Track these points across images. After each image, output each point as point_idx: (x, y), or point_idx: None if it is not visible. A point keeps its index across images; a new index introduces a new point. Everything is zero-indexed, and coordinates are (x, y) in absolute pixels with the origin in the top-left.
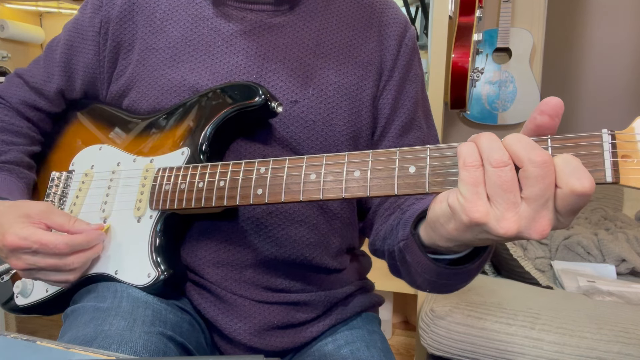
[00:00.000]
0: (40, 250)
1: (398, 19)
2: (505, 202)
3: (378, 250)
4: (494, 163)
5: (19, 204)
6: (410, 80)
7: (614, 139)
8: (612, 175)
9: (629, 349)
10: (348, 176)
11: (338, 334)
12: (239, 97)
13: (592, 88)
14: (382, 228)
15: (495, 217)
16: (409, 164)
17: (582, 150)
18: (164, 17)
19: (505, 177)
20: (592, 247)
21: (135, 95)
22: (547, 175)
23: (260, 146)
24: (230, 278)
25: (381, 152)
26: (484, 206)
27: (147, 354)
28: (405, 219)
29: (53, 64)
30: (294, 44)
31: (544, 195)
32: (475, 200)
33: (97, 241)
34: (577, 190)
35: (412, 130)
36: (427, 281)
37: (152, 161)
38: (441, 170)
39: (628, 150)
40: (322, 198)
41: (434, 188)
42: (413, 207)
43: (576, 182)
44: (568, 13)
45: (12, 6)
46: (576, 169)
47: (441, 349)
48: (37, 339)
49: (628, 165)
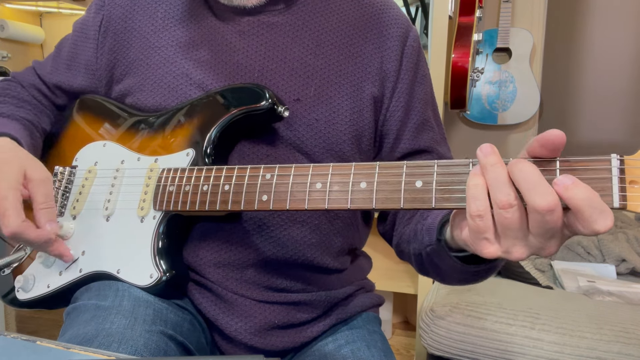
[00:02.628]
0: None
1: (399, 20)
2: (513, 238)
3: (404, 252)
4: (499, 204)
5: (26, 159)
6: (419, 82)
7: (622, 164)
8: (620, 201)
9: (629, 349)
10: (354, 187)
11: (338, 334)
12: (246, 100)
13: (592, 88)
14: (405, 231)
15: (506, 250)
16: (415, 178)
17: (590, 174)
18: (166, 16)
19: (511, 218)
20: (592, 247)
21: (140, 94)
22: (552, 220)
23: (264, 146)
24: (231, 278)
25: (388, 165)
26: (492, 247)
27: (148, 352)
28: (428, 225)
29: (60, 61)
30: (294, 43)
31: (549, 232)
32: (483, 244)
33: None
34: (600, 230)
35: (425, 131)
36: (456, 278)
37: (156, 161)
38: (448, 187)
39: (636, 176)
40: (327, 208)
41: (440, 204)
42: (433, 211)
43: (600, 225)
44: (568, 13)
45: (12, 6)
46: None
47: (441, 349)
48: (37, 339)
49: (636, 191)
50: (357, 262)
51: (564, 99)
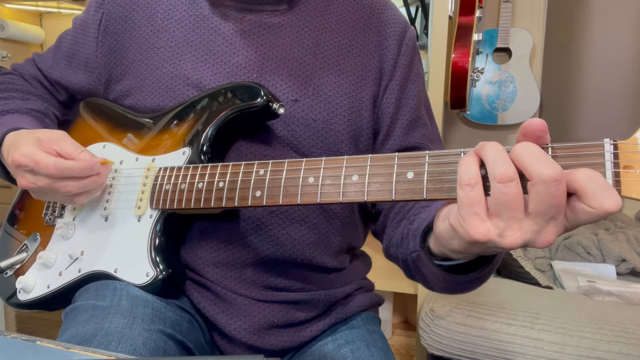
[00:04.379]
0: (35, 170)
1: (397, 20)
2: (509, 219)
3: (392, 256)
4: (498, 177)
5: (37, 130)
6: (412, 80)
7: (616, 149)
8: (614, 186)
9: (629, 349)
10: (346, 180)
11: (338, 334)
12: (241, 98)
13: (592, 88)
14: (394, 234)
15: (498, 233)
16: (407, 170)
17: (584, 159)
18: (165, 17)
19: (510, 193)
20: (592, 247)
21: (138, 94)
22: (557, 193)
23: (261, 146)
24: (230, 277)
25: (380, 157)
26: (484, 226)
27: (147, 351)
28: (413, 230)
29: (59, 56)
30: (293, 44)
31: (549, 212)
32: (473, 221)
33: (89, 170)
34: (610, 210)
35: (417, 128)
36: (443, 288)
37: (154, 160)
38: (439, 177)
39: (630, 161)
40: (319, 202)
41: (431, 195)
42: (420, 216)
43: (609, 202)
44: (568, 13)
45: (12, 6)
46: (605, 188)
47: (441, 349)
48: (37, 339)
49: (630, 176)
50: (357, 262)
51: (564, 98)
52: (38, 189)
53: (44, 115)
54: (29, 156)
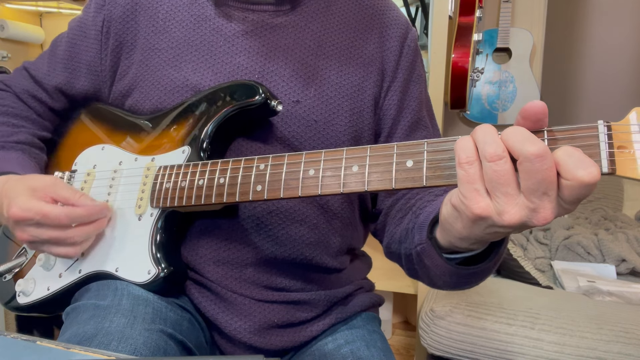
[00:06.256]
0: (42, 222)
1: (399, 21)
2: (504, 195)
3: (394, 253)
4: (488, 157)
5: (27, 178)
6: (414, 81)
7: (609, 130)
8: (609, 165)
9: (629, 349)
10: (346, 171)
11: (338, 334)
12: (240, 95)
13: (592, 88)
14: (396, 231)
15: (497, 210)
16: (406, 158)
17: (578, 141)
18: (167, 18)
19: (500, 170)
20: (592, 247)
21: (138, 95)
22: (543, 169)
23: (262, 145)
24: (231, 276)
25: (379, 147)
26: (484, 201)
27: (148, 350)
28: (420, 223)
29: (56, 60)
30: (295, 44)
31: (540, 188)
32: (474, 197)
33: (98, 215)
34: (585, 180)
35: (418, 130)
36: (447, 282)
37: (153, 160)
38: (439, 164)
39: (624, 141)
40: (320, 193)
41: (431, 182)
42: (425, 209)
43: (583, 172)
44: (568, 13)
45: (12, 6)
46: (580, 160)
47: (441, 349)
48: (37, 339)
49: (624, 155)
50: (357, 262)
51: (564, 98)
52: (40, 242)
53: (31, 146)
54: (34, 210)
